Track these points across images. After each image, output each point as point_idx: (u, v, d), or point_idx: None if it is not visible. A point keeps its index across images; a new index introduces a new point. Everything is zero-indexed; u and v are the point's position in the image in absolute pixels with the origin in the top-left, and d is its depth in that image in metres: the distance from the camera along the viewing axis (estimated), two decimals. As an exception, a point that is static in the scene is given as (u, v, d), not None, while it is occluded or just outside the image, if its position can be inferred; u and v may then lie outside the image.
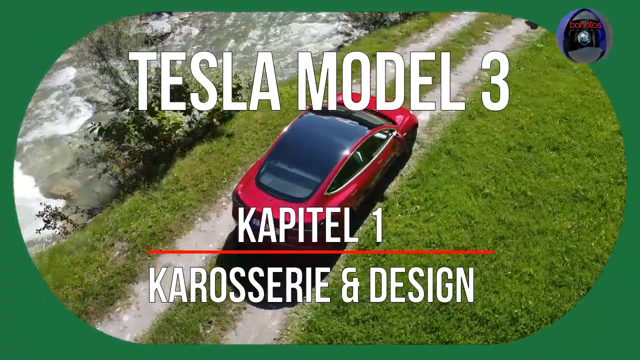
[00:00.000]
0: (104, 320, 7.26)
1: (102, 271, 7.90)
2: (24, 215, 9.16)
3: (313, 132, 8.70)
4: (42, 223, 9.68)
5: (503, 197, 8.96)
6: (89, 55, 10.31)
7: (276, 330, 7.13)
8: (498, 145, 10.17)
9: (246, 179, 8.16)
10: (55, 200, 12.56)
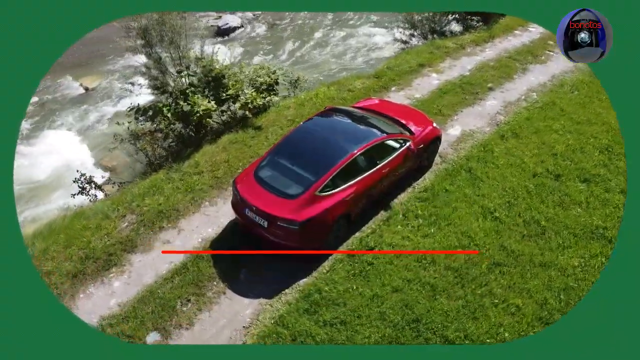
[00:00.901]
0: (97, 283, 7.82)
1: (107, 238, 8.50)
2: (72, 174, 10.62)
3: (322, 131, 8.76)
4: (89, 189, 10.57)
5: (513, 223, 8.50)
6: (134, 41, 11.01)
7: (247, 318, 7.30)
8: (524, 169, 9.64)
9: (249, 170, 8.41)
10: (102, 171, 13.67)
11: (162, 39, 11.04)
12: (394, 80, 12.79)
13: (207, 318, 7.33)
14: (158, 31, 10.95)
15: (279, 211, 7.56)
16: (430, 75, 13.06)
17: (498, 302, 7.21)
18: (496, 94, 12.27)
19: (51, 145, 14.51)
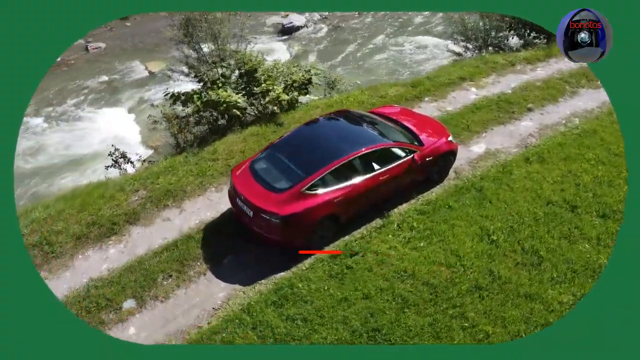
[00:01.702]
0: (96, 248, 8.46)
1: (116, 209, 9.16)
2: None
3: (324, 131, 8.86)
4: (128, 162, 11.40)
5: (510, 249, 8.08)
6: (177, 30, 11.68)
7: (219, 301, 7.57)
8: (539, 195, 9.11)
9: (247, 160, 8.69)
10: (145, 149, 14.64)
11: (203, 31, 11.60)
12: (429, 90, 12.54)
13: (183, 295, 7.69)
14: (199, 23, 11.52)
15: (263, 203, 7.76)
16: (469, 90, 12.65)
17: (467, 327, 6.91)
18: (534, 115, 11.65)
19: (107, 121, 15.74)
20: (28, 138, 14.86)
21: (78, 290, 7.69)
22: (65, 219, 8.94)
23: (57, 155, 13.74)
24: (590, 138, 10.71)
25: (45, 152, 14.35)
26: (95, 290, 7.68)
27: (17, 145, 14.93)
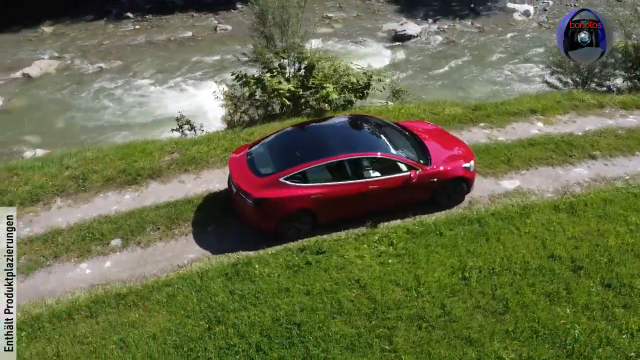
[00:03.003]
0: (115, 191, 9.75)
1: (147, 163, 10.39)
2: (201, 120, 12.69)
3: (327, 130, 9.02)
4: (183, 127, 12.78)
5: (478, 291, 7.48)
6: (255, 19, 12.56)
7: (185, 261, 8.28)
8: (546, 247, 8.21)
9: (249, 145, 9.21)
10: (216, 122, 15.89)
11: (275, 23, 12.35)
12: (489, 116, 11.82)
13: (161, 247, 8.56)
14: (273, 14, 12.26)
15: (243, 183, 8.26)
16: (533, 123, 11.65)
17: (387, 350, 6.66)
18: (595, 164, 10.35)
19: (199, 94, 17.45)
20: (132, 95, 17.28)
21: (84, 221, 9.01)
22: (105, 163, 10.43)
23: (144, 113, 15.67)
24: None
25: (138, 110, 16.53)
26: (97, 224, 8.92)
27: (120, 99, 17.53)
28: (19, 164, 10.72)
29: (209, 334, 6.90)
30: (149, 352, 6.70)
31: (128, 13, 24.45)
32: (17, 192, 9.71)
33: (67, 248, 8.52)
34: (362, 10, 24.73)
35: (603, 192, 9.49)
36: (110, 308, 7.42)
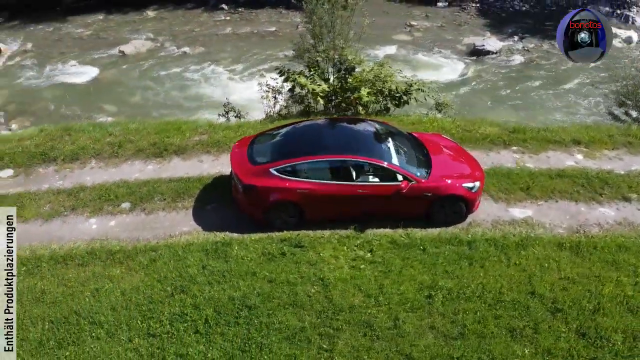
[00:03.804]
0: (141, 161, 10.68)
1: (177, 140, 11.24)
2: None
3: (329, 130, 9.17)
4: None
5: (439, 312, 7.25)
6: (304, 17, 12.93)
7: (177, 232, 8.90)
8: (530, 283, 7.67)
9: (256, 135, 9.61)
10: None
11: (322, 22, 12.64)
12: (525, 141, 11.17)
13: (161, 216, 9.29)
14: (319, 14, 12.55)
15: (238, 169, 8.71)
16: (573, 155, 10.80)
17: (323, 348, 6.73)
18: (627, 207, 9.38)
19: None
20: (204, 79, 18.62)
21: (106, 183, 10.02)
22: (142, 135, 11.45)
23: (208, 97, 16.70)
24: (672, 256, 8.26)
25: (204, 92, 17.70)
26: (115, 187, 9.88)
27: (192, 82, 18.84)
28: (74, 126, 12.13)
29: (169, 300, 7.43)
30: (114, 304, 7.38)
31: (223, 5, 26.13)
32: (63, 149, 11.03)
33: (84, 203, 9.55)
34: (448, 21, 24.16)
35: (622, 237, 8.62)
36: (100, 261, 8.24)
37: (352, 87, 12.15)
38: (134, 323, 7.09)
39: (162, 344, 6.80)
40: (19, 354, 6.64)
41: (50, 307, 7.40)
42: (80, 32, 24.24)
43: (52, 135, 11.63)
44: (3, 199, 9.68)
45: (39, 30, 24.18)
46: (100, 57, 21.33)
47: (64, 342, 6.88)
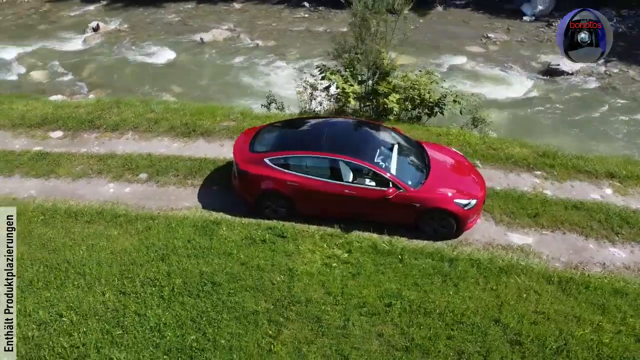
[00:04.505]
0: (170, 139, 11.52)
1: (207, 123, 11.97)
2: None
3: (334, 128, 9.32)
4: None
5: (393, 321, 7.18)
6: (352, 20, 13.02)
7: (180, 206, 9.56)
8: (500, 310, 7.32)
9: (260, 127, 9.98)
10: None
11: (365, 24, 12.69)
12: (552, 167, 10.50)
13: (171, 190, 10.03)
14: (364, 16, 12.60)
15: (238, 155, 9.16)
16: (601, 188, 9.99)
17: (268, 334, 6.97)
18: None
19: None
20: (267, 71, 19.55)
21: (133, 153, 10.96)
22: (179, 115, 12.33)
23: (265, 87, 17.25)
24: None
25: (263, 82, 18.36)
26: (139, 158, 10.79)
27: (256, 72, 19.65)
28: (124, 100, 13.34)
29: (148, 265, 8.07)
30: (101, 260, 8.17)
31: (305, 2, 26.84)
32: (108, 119, 12.20)
33: (109, 169, 10.55)
34: (530, 36, 22.88)
35: (623, 281, 7.90)
36: (104, 221, 9.11)
37: (384, 92, 12.12)
38: (111, 279, 7.81)
39: (128, 302, 7.43)
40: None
41: (50, 254, 8.34)
42: (171, 18, 26.19)
43: (104, 106, 12.88)
44: (46, 155, 10.97)
45: (135, 14, 26.46)
46: (182, 42, 22.91)
47: (50, 284, 7.75)
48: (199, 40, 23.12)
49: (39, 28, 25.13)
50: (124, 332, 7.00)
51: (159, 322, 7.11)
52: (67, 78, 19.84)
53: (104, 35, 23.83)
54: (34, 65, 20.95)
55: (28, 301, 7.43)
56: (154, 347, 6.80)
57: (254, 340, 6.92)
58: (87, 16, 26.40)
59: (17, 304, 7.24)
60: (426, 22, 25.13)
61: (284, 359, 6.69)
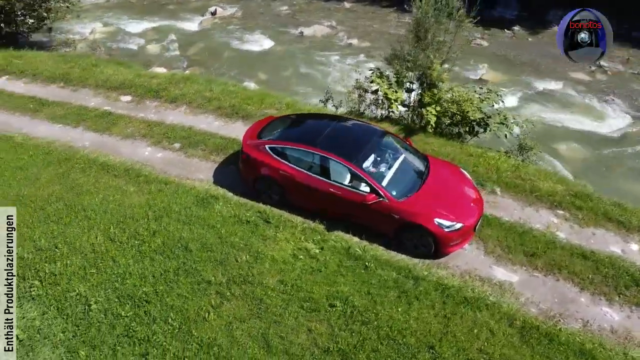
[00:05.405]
0: (213, 117, 12.49)
1: (250, 107, 12.75)
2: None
3: (336, 128, 9.45)
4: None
5: (328, 322, 7.26)
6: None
7: (194, 177, 10.42)
8: (440, 339, 7.01)
9: (277, 117, 10.42)
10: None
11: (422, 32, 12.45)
12: (579, 209, 9.52)
13: (194, 162, 10.98)
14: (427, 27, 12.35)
15: (246, 139, 9.78)
16: (626, 242, 8.83)
17: (210, 305, 7.47)
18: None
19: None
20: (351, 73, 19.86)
21: (176, 124, 12.13)
22: (231, 97, 13.31)
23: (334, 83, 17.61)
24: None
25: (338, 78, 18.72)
26: (179, 130, 11.96)
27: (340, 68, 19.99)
28: (192, 77, 14.77)
29: (141, 221, 9.02)
30: (108, 209, 9.31)
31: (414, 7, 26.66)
32: (170, 92, 13.61)
33: (152, 135, 11.81)
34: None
35: (600, 346, 7.04)
36: (128, 178, 10.30)
37: (427, 102, 11.87)
38: (108, 227, 8.89)
39: (110, 248, 8.42)
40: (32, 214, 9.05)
41: (73, 196, 9.71)
42: (282, 10, 27.67)
43: (174, 80, 14.33)
44: (109, 115, 12.60)
45: (252, 3, 28.43)
46: (283, 33, 24.19)
47: (60, 220, 9.06)
48: (298, 33, 24.22)
49: (168, 7, 28.21)
50: (96, 271, 8.00)
51: (126, 270, 8.00)
52: (174, 53, 22.12)
53: (219, 20, 26.03)
54: (152, 39, 23.65)
55: (38, 230, 8.80)
56: (112, 290, 7.69)
57: (196, 306, 7.48)
58: (212, 2, 28.95)
59: (29, 231, 8.68)
60: (536, 41, 23.52)
61: (213, 329, 7.16)
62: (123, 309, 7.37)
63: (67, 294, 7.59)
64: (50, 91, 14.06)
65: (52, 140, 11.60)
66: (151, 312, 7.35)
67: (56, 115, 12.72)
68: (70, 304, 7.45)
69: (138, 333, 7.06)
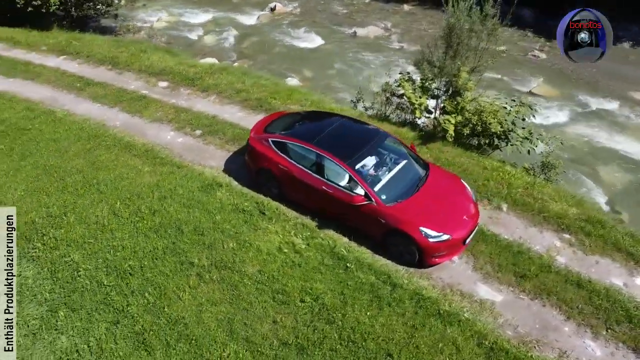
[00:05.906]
0: (238, 107, 12.89)
1: (277, 102, 13.03)
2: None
3: (338, 127, 9.50)
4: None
5: (293, 315, 7.40)
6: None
7: (205, 163, 10.86)
8: (400, 350, 6.95)
9: (288, 112, 10.58)
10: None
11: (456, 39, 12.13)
12: (588, 236, 8.96)
13: (210, 149, 11.45)
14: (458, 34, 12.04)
15: (253, 131, 10.07)
16: (631, 275, 8.23)
17: (185, 283, 7.83)
18: (630, 355, 7.02)
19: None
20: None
21: (202, 113, 12.64)
22: (261, 91, 13.64)
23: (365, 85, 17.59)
24: None
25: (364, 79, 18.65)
26: (203, 118, 12.46)
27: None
28: (228, 67, 15.32)
29: (147, 200, 9.57)
30: (118, 186, 9.95)
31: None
32: (204, 81, 14.18)
33: (177, 120, 12.42)
34: None
35: None
36: (146, 159, 10.90)
37: (448, 111, 11.60)
38: (115, 202, 9.50)
39: (111, 222, 9.03)
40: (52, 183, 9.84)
41: (93, 170, 10.44)
42: (340, 9, 27.80)
43: (211, 70, 14.91)
44: (144, 98, 13.37)
45: (311, 1, 28.80)
46: (336, 32, 24.32)
47: (75, 192, 9.80)
48: (352, 33, 24.27)
49: (233, 1, 29.19)
50: (94, 241, 8.61)
51: (119, 244, 8.54)
52: (228, 45, 22.91)
53: (277, 15, 26.60)
54: (211, 30, 24.58)
55: (53, 198, 9.58)
56: (103, 260, 8.25)
57: (174, 284, 7.87)
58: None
59: (46, 198, 9.45)
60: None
61: (185, 308, 7.50)
62: (107, 279, 7.90)
63: (62, 258, 8.24)
64: (98, 72, 15.10)
65: (88, 118, 12.50)
66: (131, 285, 7.81)
67: (98, 95, 13.67)
68: (62, 268, 8.08)
69: (115, 302, 7.55)
